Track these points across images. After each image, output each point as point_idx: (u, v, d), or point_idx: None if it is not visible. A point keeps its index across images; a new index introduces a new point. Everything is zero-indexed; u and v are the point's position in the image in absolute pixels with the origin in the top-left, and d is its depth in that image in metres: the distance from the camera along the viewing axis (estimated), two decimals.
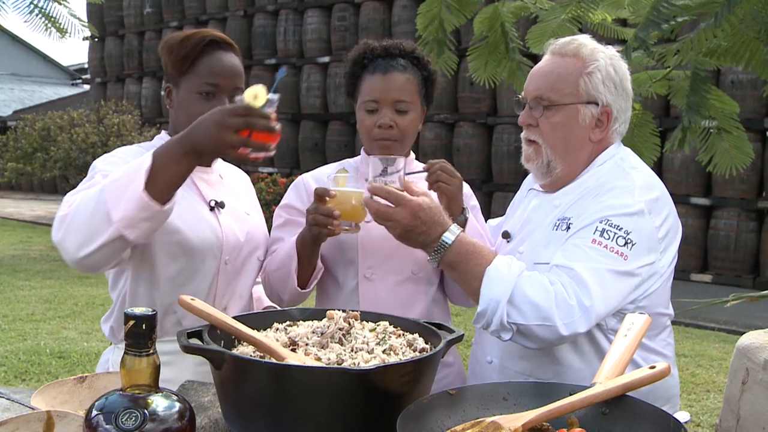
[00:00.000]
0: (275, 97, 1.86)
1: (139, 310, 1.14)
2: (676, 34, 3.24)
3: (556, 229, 2.09)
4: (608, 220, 1.97)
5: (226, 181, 2.43)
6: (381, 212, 1.94)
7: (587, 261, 1.92)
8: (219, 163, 2.44)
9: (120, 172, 1.85)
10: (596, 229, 1.96)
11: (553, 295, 1.87)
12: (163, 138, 2.34)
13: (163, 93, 2.36)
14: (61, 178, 17.17)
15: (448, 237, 1.94)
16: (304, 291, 2.28)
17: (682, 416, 2.02)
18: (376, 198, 1.96)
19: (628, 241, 1.95)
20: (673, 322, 2.13)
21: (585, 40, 2.21)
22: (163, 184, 1.82)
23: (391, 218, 1.94)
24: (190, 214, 2.18)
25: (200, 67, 2.23)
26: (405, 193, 1.95)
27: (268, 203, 12.39)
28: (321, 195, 2.13)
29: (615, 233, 1.95)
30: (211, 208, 2.27)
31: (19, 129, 17.21)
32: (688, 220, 11.01)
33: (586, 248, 1.94)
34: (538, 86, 2.19)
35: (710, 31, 2.79)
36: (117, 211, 1.78)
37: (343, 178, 2.20)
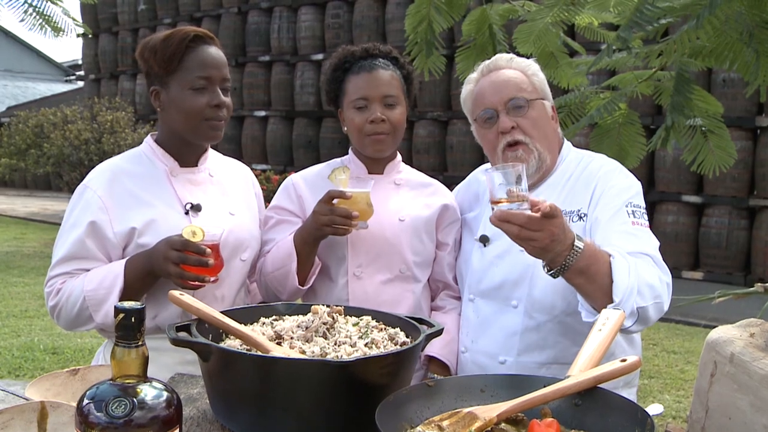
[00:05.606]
0: (218, 232, 2.12)
1: (128, 304, 1.19)
2: (661, 35, 3.28)
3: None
4: (630, 202, 2.17)
5: (217, 179, 2.41)
6: (523, 235, 1.83)
7: (648, 242, 2.10)
8: (211, 160, 2.43)
9: (99, 279, 2.14)
10: (627, 213, 2.14)
11: (657, 275, 2.02)
12: (150, 143, 2.35)
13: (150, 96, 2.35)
14: (55, 175, 17.18)
15: (579, 243, 1.89)
16: (303, 288, 2.33)
17: (656, 408, 2.08)
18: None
19: (644, 213, 2.20)
20: (663, 319, 2.23)
21: (511, 55, 2.42)
22: (131, 298, 2.10)
23: (532, 238, 1.83)
24: (163, 227, 2.19)
25: (189, 63, 2.24)
26: (538, 215, 1.81)
27: None
28: (335, 197, 2.20)
29: (641, 212, 2.17)
30: (186, 212, 2.26)
31: (13, 125, 17.21)
32: (680, 217, 11.06)
33: (637, 232, 2.11)
34: (503, 93, 2.32)
35: (693, 33, 2.82)
36: (98, 316, 2.15)
37: (345, 177, 2.27)
